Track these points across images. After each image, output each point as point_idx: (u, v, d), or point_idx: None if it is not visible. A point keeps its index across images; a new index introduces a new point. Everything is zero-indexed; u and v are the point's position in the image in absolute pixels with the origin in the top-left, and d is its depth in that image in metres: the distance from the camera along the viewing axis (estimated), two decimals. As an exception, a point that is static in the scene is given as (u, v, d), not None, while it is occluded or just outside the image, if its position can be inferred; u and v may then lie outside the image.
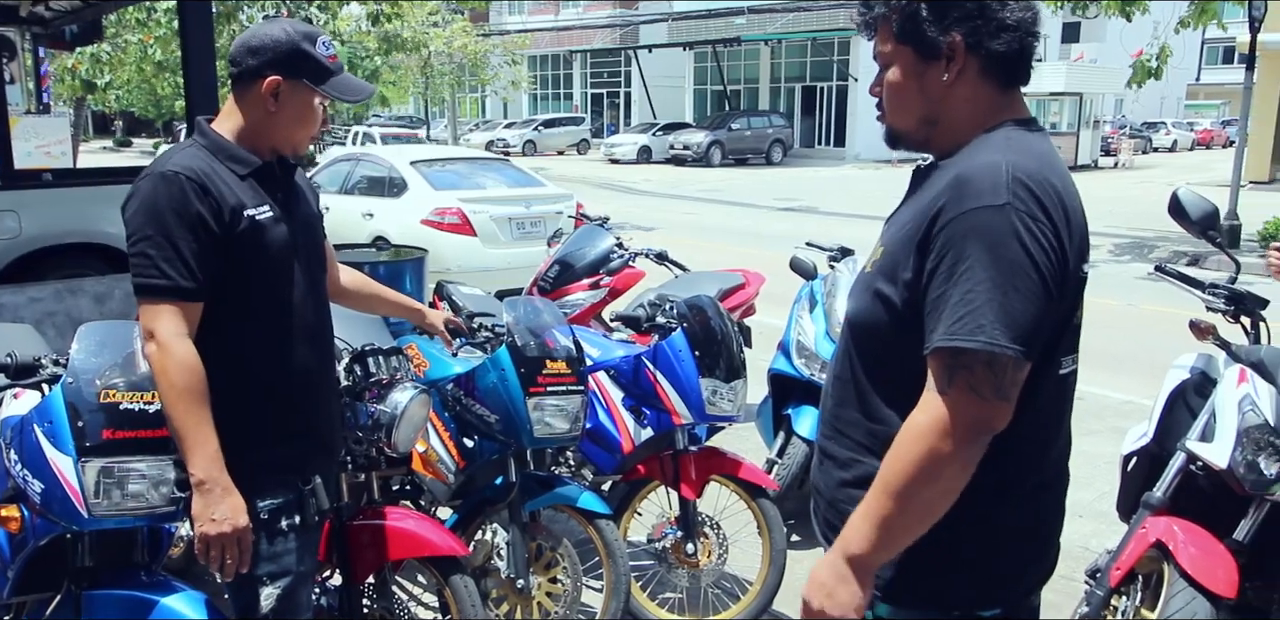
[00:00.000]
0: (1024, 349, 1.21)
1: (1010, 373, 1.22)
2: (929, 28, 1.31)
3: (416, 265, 4.35)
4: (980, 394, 1.21)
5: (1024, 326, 1.20)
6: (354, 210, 7.96)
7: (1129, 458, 2.62)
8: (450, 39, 25.04)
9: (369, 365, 2.26)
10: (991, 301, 1.20)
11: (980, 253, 1.21)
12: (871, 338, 1.36)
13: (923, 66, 1.34)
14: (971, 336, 1.20)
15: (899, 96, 1.38)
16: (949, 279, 1.23)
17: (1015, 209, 1.21)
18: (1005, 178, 1.23)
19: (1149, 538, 2.26)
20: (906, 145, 1.42)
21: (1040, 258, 1.21)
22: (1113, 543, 2.45)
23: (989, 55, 1.31)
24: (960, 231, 1.22)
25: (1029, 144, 1.31)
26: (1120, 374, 5.95)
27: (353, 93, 1.82)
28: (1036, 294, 1.21)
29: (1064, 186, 1.28)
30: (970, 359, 1.21)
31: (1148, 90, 12.89)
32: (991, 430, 1.24)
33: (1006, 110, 1.36)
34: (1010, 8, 1.30)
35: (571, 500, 2.59)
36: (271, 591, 1.78)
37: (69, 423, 1.73)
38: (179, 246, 1.66)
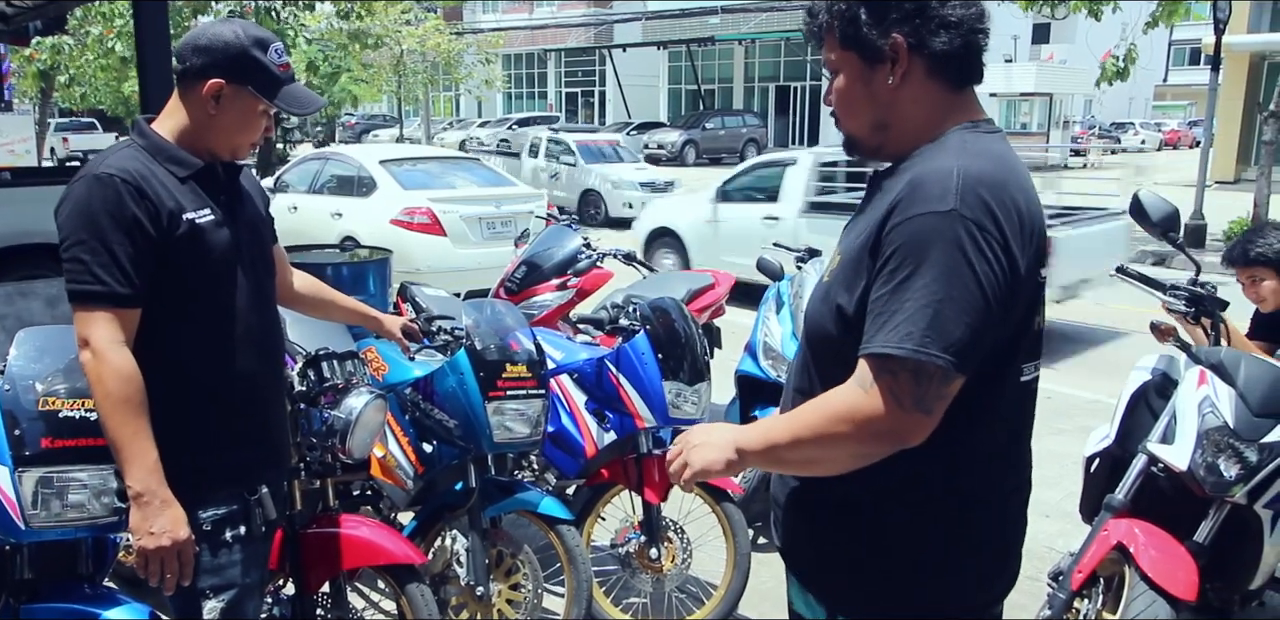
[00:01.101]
0: (955, 360, 1.17)
1: (936, 385, 1.18)
2: (869, 31, 1.29)
3: (380, 266, 4.29)
4: (900, 402, 1.18)
5: (957, 338, 1.17)
6: (323, 210, 7.88)
7: (1091, 459, 2.63)
8: (423, 37, 24.85)
9: (323, 370, 2.21)
10: (925, 309, 1.17)
11: (920, 259, 1.18)
12: (829, 350, 1.33)
13: (869, 71, 1.32)
14: (899, 344, 1.17)
15: (848, 103, 1.36)
16: (889, 283, 1.20)
17: (961, 216, 1.18)
18: (955, 183, 1.20)
19: (1110, 540, 2.26)
20: (862, 152, 1.40)
21: (982, 268, 1.18)
22: (1077, 544, 2.45)
23: (933, 55, 1.29)
24: (904, 236, 1.20)
25: (984, 146, 1.28)
26: (1088, 374, 5.99)
27: (301, 105, 1.75)
28: (975, 306, 1.17)
29: (1020, 190, 1.25)
30: (896, 365, 1.18)
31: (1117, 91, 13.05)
32: (902, 443, 1.21)
33: (959, 111, 1.33)
34: (951, 5, 1.28)
35: (532, 506, 2.55)
36: (215, 605, 1.73)
37: (5, 431, 1.68)
38: (114, 251, 1.60)
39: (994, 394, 1.26)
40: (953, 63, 1.30)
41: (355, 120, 35.00)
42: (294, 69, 1.81)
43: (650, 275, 4.46)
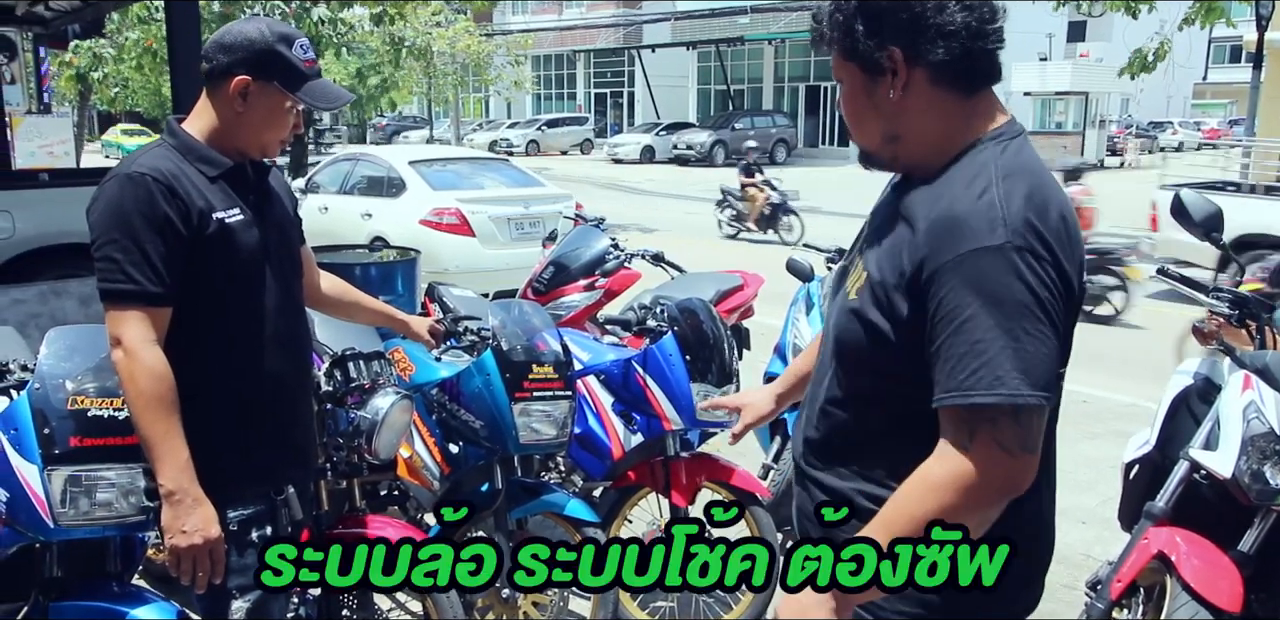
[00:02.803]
0: (1046, 395, 1.15)
1: (1035, 423, 1.16)
2: (866, 43, 1.24)
3: (408, 267, 4.30)
4: (1008, 450, 1.15)
5: (1041, 371, 1.14)
6: (353, 210, 7.93)
7: (1130, 466, 2.56)
8: (454, 39, 25.02)
9: (349, 370, 2.21)
10: (1005, 350, 1.13)
11: (983, 299, 1.14)
12: (859, 362, 1.29)
13: (871, 83, 1.27)
14: (991, 390, 1.13)
15: (856, 115, 1.32)
16: (950, 327, 1.15)
17: (1015, 247, 1.14)
18: (1000, 213, 1.16)
19: (1151, 549, 2.20)
20: (878, 165, 1.35)
21: (1044, 295, 1.15)
22: (1114, 552, 2.39)
23: (933, 65, 1.23)
24: (958, 277, 1.15)
25: (1017, 163, 1.22)
26: (1124, 377, 5.88)
27: (328, 100, 1.75)
28: (1046, 334, 1.15)
29: (1059, 204, 1.21)
30: (993, 412, 1.14)
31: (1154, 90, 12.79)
32: (1019, 489, 1.18)
33: (977, 117, 1.27)
34: (949, 12, 1.22)
35: (559, 508, 2.53)
36: (241, 605, 1.73)
37: (35, 429, 1.69)
38: (146, 250, 1.61)
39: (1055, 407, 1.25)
40: (956, 71, 1.24)
41: (386, 122, 35.33)
42: (330, 72, 1.81)
43: (678, 276, 4.43)
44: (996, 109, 1.29)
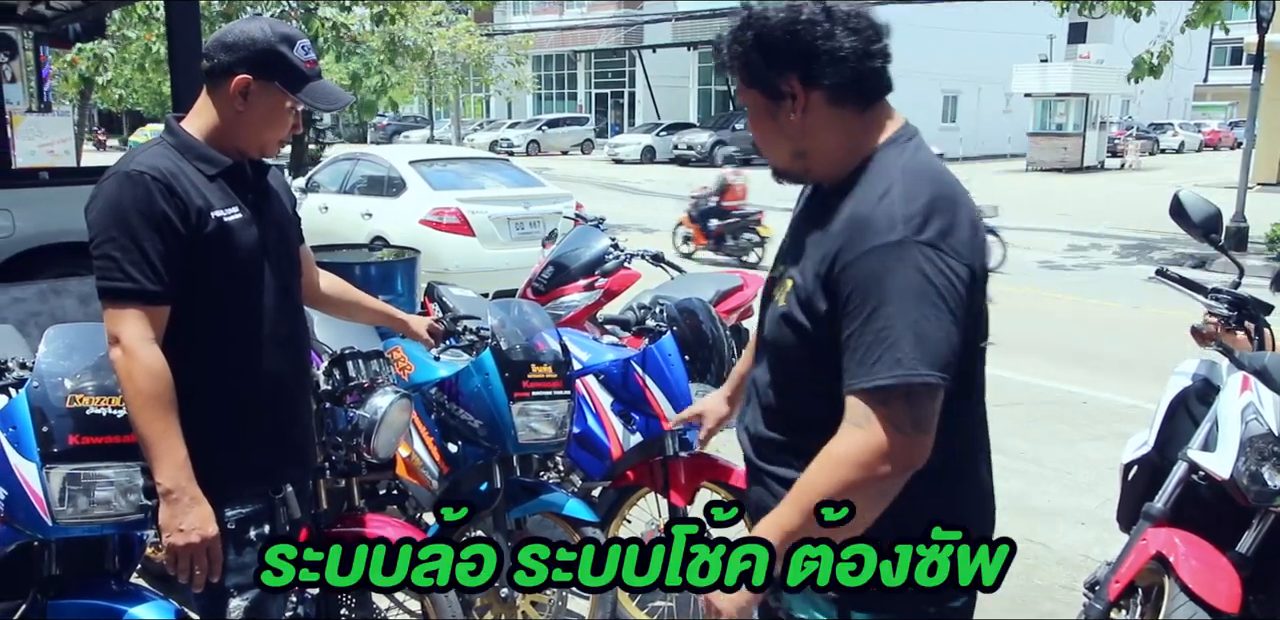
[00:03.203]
0: (942, 375, 1.24)
1: (928, 404, 1.25)
2: (764, 72, 1.35)
3: (408, 266, 4.30)
4: (902, 429, 1.24)
5: (939, 353, 1.24)
6: (353, 210, 7.94)
7: (1129, 467, 2.56)
8: (454, 39, 25.01)
9: (348, 369, 2.21)
10: (905, 335, 1.23)
11: (885, 291, 1.24)
12: (799, 366, 1.39)
13: (774, 106, 1.37)
14: (889, 372, 1.23)
15: (763, 136, 1.42)
16: (858, 319, 1.26)
17: (914, 242, 1.24)
18: (899, 211, 1.26)
19: (1149, 550, 2.19)
20: (790, 179, 1.45)
21: (942, 283, 1.24)
22: (1114, 553, 2.39)
23: (828, 88, 1.33)
24: (863, 272, 1.26)
25: (914, 164, 1.33)
26: (1125, 378, 5.88)
27: (328, 101, 1.76)
28: (945, 320, 1.24)
29: (956, 197, 1.31)
30: (889, 394, 1.24)
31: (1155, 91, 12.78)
32: (912, 467, 1.26)
33: (874, 126, 1.38)
34: (838, 39, 1.31)
35: (558, 507, 2.53)
36: (239, 603, 1.73)
37: (34, 428, 1.69)
38: (144, 248, 1.61)
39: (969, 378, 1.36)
40: (850, 90, 1.34)
41: (386, 122, 35.32)
42: (330, 73, 1.81)
43: (678, 276, 4.43)
44: (889, 117, 1.40)
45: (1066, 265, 10.66)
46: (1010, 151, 27.82)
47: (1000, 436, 5.35)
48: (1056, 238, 12.50)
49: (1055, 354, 6.63)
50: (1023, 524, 3.79)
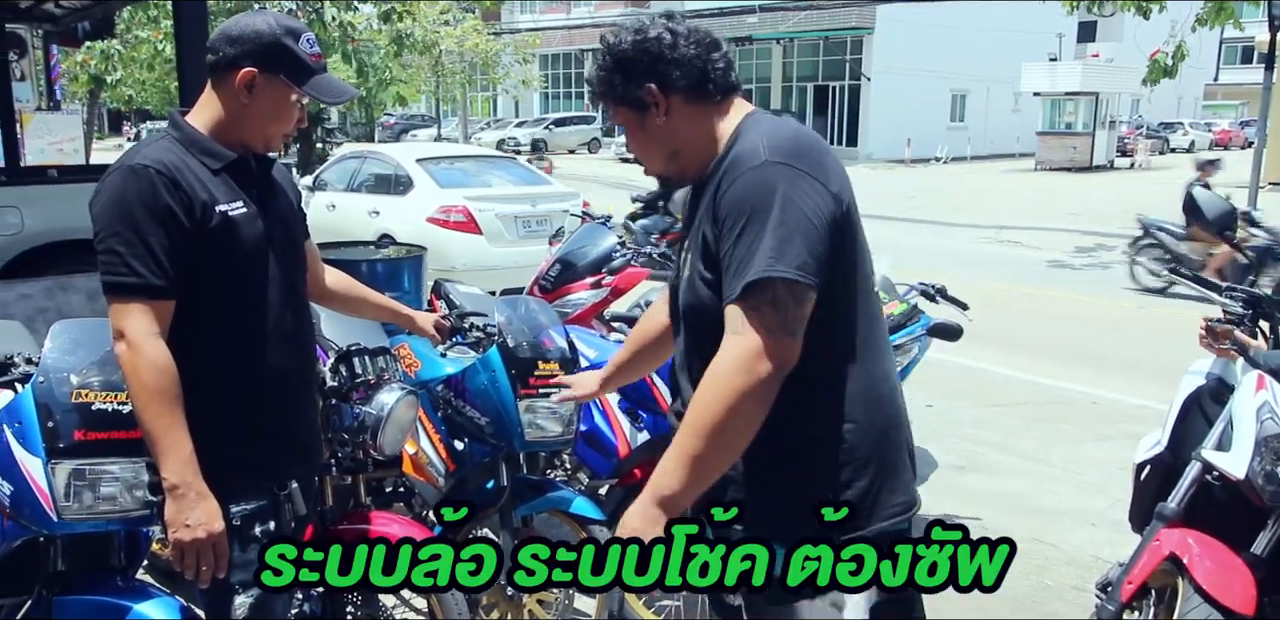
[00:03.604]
0: (800, 273, 1.36)
1: (792, 305, 1.37)
2: (626, 88, 1.54)
3: (415, 264, 4.29)
4: (770, 330, 1.36)
5: (797, 255, 1.36)
6: (360, 208, 7.94)
7: (1142, 467, 2.53)
8: (462, 38, 25.03)
9: (355, 365, 2.20)
10: (765, 240, 1.37)
11: (751, 205, 1.40)
12: (707, 321, 1.47)
13: (643, 117, 1.56)
14: (753, 274, 1.36)
15: (641, 147, 1.61)
16: (730, 239, 1.41)
17: (773, 163, 1.41)
18: (761, 144, 1.44)
19: (1163, 550, 2.17)
20: (673, 182, 1.62)
21: (802, 197, 1.39)
22: (1125, 554, 2.37)
23: (681, 89, 1.53)
24: (734, 194, 1.42)
25: (769, 121, 1.53)
26: (1134, 378, 5.84)
27: (333, 94, 1.75)
28: (806, 227, 1.38)
29: (812, 138, 1.50)
30: (756, 299, 1.37)
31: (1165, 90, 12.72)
32: (784, 365, 1.38)
33: (732, 113, 1.56)
34: (682, 47, 1.52)
35: (565, 505, 2.52)
36: (244, 600, 1.72)
37: (39, 423, 1.68)
38: (149, 242, 1.60)
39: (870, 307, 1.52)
40: (700, 89, 1.53)
41: (394, 120, 35.37)
42: (336, 70, 1.81)
43: (686, 274, 4.41)
44: (743, 107, 1.58)
45: (1075, 265, 10.61)
46: (1019, 151, 27.73)
47: (1008, 436, 5.36)
48: (1065, 237, 12.45)
49: (1063, 354, 6.60)
50: (1032, 524, 3.77)
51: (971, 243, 12.13)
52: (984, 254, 11.23)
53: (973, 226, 13.37)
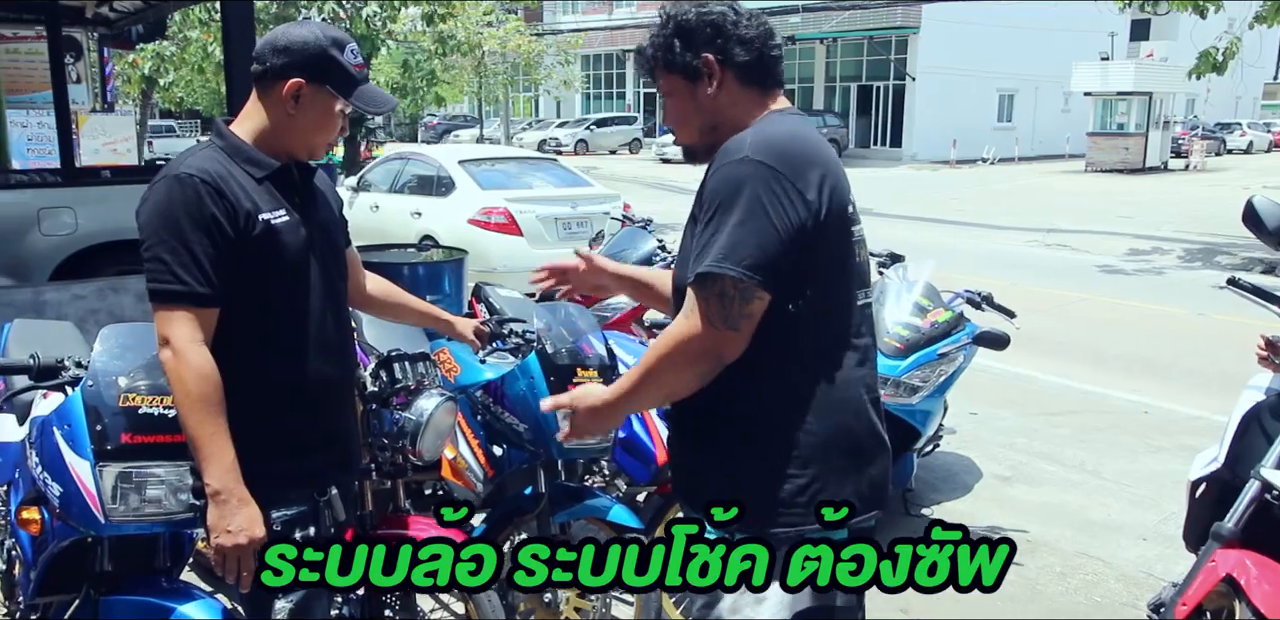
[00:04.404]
0: (747, 273, 1.41)
1: (738, 302, 1.42)
2: (684, 54, 1.57)
3: (456, 266, 4.31)
4: (711, 322, 1.43)
5: (747, 254, 1.41)
6: (403, 209, 8.02)
7: (1197, 484, 2.45)
8: (504, 39, 25.21)
9: (395, 371, 2.21)
10: (723, 236, 1.43)
11: (721, 198, 1.45)
12: None
13: (692, 86, 1.59)
14: (704, 266, 1.43)
15: (682, 115, 1.63)
16: (701, 223, 1.48)
17: (752, 160, 1.45)
18: (748, 140, 1.48)
19: (1219, 572, 2.09)
20: (700, 155, 1.62)
21: (769, 199, 1.43)
22: (1176, 571, 2.29)
23: (738, 65, 1.57)
24: (711, 185, 1.48)
25: (780, 120, 1.57)
26: (1189, 388, 5.68)
27: (376, 104, 1.77)
28: (765, 229, 1.42)
29: (806, 142, 1.52)
30: (706, 289, 1.43)
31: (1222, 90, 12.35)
32: (720, 359, 1.46)
33: (768, 107, 1.60)
34: (744, 26, 1.57)
35: (602, 513, 2.51)
36: (284, 605, 1.73)
37: (88, 426, 1.71)
38: (194, 251, 1.62)
39: (843, 315, 1.55)
40: (756, 71, 1.58)
41: (437, 121, 35.75)
42: (380, 71, 1.83)
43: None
44: (779, 101, 1.63)
45: (1127, 269, 10.37)
46: (1069, 152, 27.20)
47: (1057, 446, 5.23)
48: (1117, 241, 12.17)
49: (1113, 362, 6.44)
50: (1081, 538, 3.67)
51: (1018, 246, 11.91)
52: (1031, 258, 11.02)
53: (1020, 229, 13.13)
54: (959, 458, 4.49)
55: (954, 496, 4.06)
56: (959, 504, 3.98)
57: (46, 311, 3.53)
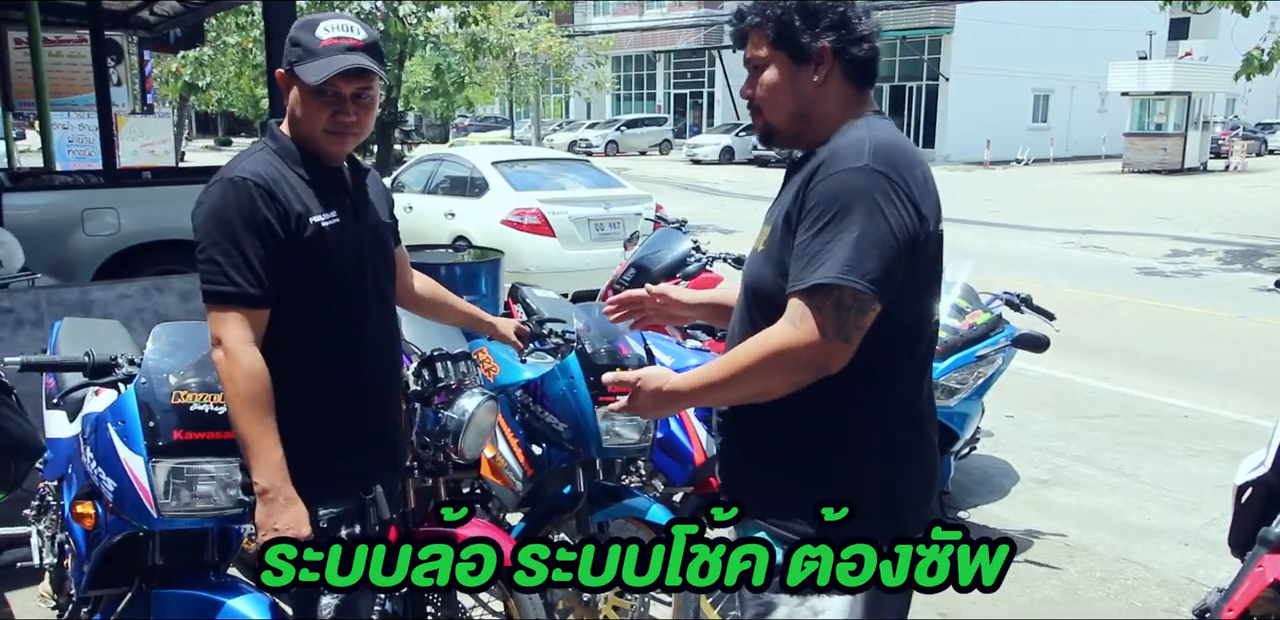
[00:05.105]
0: (872, 287, 1.37)
1: (854, 313, 1.38)
2: (802, 35, 1.50)
3: (492, 267, 4.34)
4: (825, 332, 1.38)
5: (871, 267, 1.37)
6: (436, 210, 8.08)
7: (1244, 488, 2.41)
8: (536, 40, 25.33)
9: (437, 370, 2.23)
10: (845, 246, 1.37)
11: (840, 206, 1.39)
12: (770, 303, 1.49)
13: (795, 69, 1.52)
14: (824, 276, 1.37)
15: (775, 96, 1.55)
16: (811, 230, 1.41)
17: (874, 170, 1.40)
18: (867, 147, 1.43)
19: (1267, 577, 2.06)
20: (780, 141, 1.59)
21: (891, 211, 1.39)
22: (1222, 576, 2.26)
23: (850, 60, 1.52)
24: (826, 190, 1.41)
25: (885, 127, 1.52)
26: (1231, 392, 5.58)
27: (314, 73, 1.62)
28: (887, 242, 1.38)
29: (915, 156, 1.49)
30: (821, 297, 1.38)
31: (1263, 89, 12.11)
32: (826, 370, 1.41)
33: (862, 106, 1.55)
34: (865, 23, 1.52)
35: (640, 512, 2.51)
36: (330, 601, 1.76)
37: (141, 422, 1.74)
38: (246, 253, 1.64)
39: (916, 334, 1.51)
40: (863, 68, 1.54)
41: (468, 122, 35.96)
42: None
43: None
44: (872, 103, 1.59)
45: (1166, 271, 10.20)
46: (1105, 153, 26.79)
47: (1095, 450, 5.16)
48: (1156, 243, 11.98)
49: (1154, 365, 6.34)
50: (1121, 542, 3.63)
51: (1054, 247, 11.76)
52: (1068, 259, 10.88)
53: (1056, 230, 12.97)
54: (995, 461, 4.44)
55: (991, 500, 4.01)
56: (995, 507, 3.94)
57: (94, 310, 3.61)
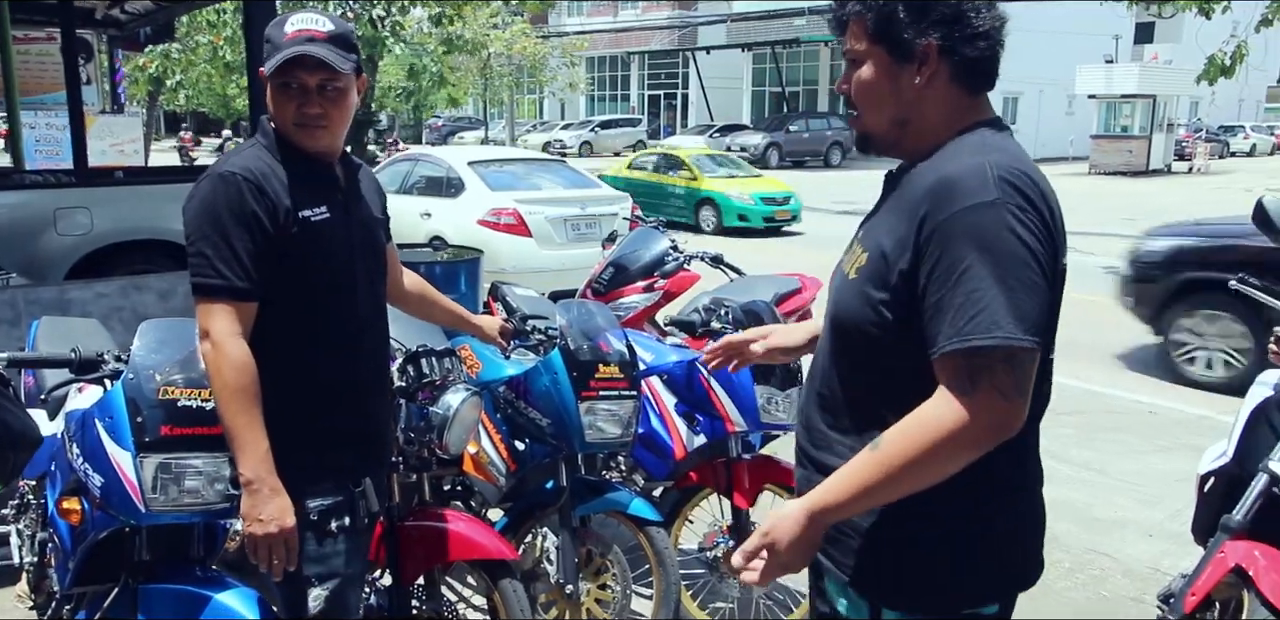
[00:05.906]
0: (1038, 340, 1.21)
1: (1027, 368, 1.22)
2: (905, 30, 1.30)
3: (472, 266, 4.36)
4: (1005, 395, 1.21)
5: (1032, 318, 1.21)
6: (412, 210, 8.06)
7: (1206, 478, 2.49)
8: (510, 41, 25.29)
9: (422, 366, 2.25)
10: (999, 298, 1.19)
11: (978, 251, 1.21)
12: (865, 344, 1.34)
13: (895, 67, 1.33)
14: (988, 334, 1.19)
15: (870, 96, 1.37)
16: (948, 281, 1.22)
17: (1005, 204, 1.22)
18: (991, 175, 1.24)
19: (1228, 562, 2.14)
20: (877, 148, 1.41)
21: (1035, 247, 1.22)
22: (1186, 565, 2.34)
23: (961, 61, 1.32)
24: (954, 232, 1.22)
25: (1004, 145, 1.33)
26: (1194, 388, 5.72)
27: (272, 64, 1.66)
28: (1038, 285, 1.22)
29: (1044, 182, 1.30)
30: (989, 358, 1.20)
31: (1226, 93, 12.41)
32: (1011, 431, 1.23)
33: (975, 112, 1.36)
34: (984, 16, 1.31)
35: (622, 506, 2.55)
36: (320, 593, 1.78)
37: (129, 418, 1.75)
38: (235, 246, 1.66)
39: (1046, 372, 1.32)
40: (976, 70, 1.33)
41: (441, 122, 35.79)
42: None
43: (737, 278, 4.43)
44: (990, 109, 1.39)
45: (1131, 271, 10.37)
46: (1072, 154, 27.21)
47: (1064, 446, 5.25)
48: (1121, 243, 12.17)
49: (1119, 362, 6.48)
50: (1088, 535, 3.72)
51: (1023, 248, 11.91)
52: (1036, 259, 11.02)
53: (1024, 231, 13.13)
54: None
55: (963, 494, 4.09)
56: (968, 501, 4.01)
57: (71, 309, 3.59)
